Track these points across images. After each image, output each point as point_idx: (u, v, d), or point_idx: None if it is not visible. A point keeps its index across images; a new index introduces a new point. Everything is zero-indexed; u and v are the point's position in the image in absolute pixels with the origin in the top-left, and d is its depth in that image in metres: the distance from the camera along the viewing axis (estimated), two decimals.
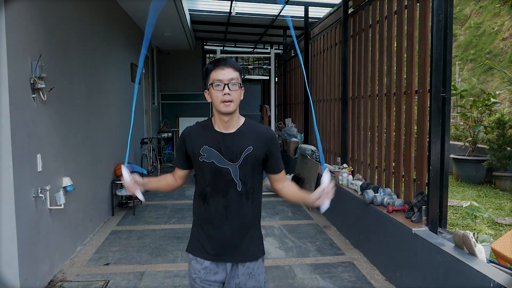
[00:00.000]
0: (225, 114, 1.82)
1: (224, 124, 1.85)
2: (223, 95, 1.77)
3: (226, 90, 1.77)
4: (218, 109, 1.81)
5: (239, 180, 1.83)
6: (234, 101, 1.80)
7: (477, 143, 7.67)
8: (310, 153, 6.34)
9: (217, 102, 1.79)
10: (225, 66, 1.80)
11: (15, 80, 2.89)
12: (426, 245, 2.90)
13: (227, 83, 1.78)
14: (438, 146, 3.08)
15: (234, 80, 1.79)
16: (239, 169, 1.83)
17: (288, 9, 7.51)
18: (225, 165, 1.82)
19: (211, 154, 1.83)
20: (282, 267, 3.77)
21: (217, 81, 1.78)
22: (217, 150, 1.83)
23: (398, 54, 3.95)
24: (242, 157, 1.82)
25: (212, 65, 1.84)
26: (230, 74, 1.79)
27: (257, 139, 1.86)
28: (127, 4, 6.27)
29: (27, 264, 3.04)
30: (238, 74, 1.82)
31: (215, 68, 1.81)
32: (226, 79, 1.78)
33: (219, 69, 1.80)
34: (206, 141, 1.85)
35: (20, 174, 2.95)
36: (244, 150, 1.83)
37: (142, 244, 4.36)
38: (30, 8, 3.19)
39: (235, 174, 1.83)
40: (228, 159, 1.82)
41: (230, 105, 1.79)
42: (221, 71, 1.79)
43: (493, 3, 12.22)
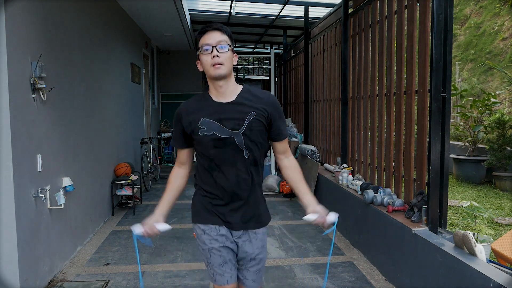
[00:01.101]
0: (218, 79, 1.74)
1: (220, 91, 1.78)
2: (212, 58, 1.71)
3: (215, 52, 1.71)
4: (210, 74, 1.74)
5: (245, 147, 1.77)
6: (225, 64, 1.72)
7: (477, 143, 7.68)
8: (310, 153, 6.34)
9: (208, 67, 1.73)
10: (212, 30, 1.75)
11: (15, 80, 2.89)
12: (426, 245, 2.90)
13: (215, 45, 1.71)
14: (438, 146, 3.08)
15: (223, 42, 1.73)
16: (243, 136, 1.76)
17: (288, 9, 7.51)
18: (227, 135, 1.75)
19: (210, 125, 1.76)
20: (282, 267, 3.77)
21: (205, 45, 1.73)
22: (216, 121, 1.76)
23: (398, 54, 3.95)
24: (245, 123, 1.75)
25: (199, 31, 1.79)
26: (218, 37, 1.73)
27: (258, 104, 1.79)
28: (127, 4, 6.27)
29: (27, 264, 3.04)
30: (227, 37, 1.76)
31: (203, 34, 1.76)
32: (214, 42, 1.72)
33: (207, 34, 1.74)
34: (204, 113, 1.78)
35: (20, 174, 2.95)
36: (247, 116, 1.76)
37: (142, 244, 4.36)
38: (30, 8, 3.19)
39: (240, 142, 1.76)
40: (230, 128, 1.75)
41: (221, 67, 1.71)
42: (208, 35, 1.74)
43: (493, 3, 12.22)
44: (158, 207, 1.91)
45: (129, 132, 6.77)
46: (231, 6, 7.46)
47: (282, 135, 1.89)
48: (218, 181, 1.81)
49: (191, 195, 2.00)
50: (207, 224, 1.86)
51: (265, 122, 1.80)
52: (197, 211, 1.91)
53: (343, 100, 5.38)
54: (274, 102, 1.84)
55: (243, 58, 13.47)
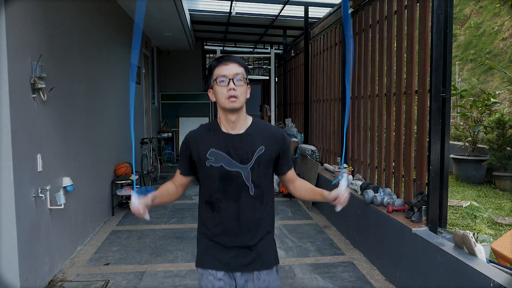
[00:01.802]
0: (231, 112, 1.70)
1: (231, 125, 1.73)
2: (228, 90, 1.67)
3: (231, 85, 1.67)
4: (224, 106, 1.70)
5: (251, 183, 1.72)
6: (240, 97, 1.69)
7: (477, 143, 7.67)
8: (310, 153, 6.34)
9: (222, 99, 1.69)
10: (229, 61, 1.71)
11: (15, 80, 2.89)
12: (426, 245, 2.90)
13: (232, 78, 1.68)
14: (438, 146, 3.08)
15: (240, 76, 1.69)
16: (251, 171, 1.71)
17: (288, 9, 7.51)
18: (235, 168, 1.71)
19: (219, 157, 1.71)
20: (282, 267, 3.77)
21: (222, 76, 1.68)
22: (225, 153, 1.71)
23: (398, 54, 3.95)
24: (254, 158, 1.71)
25: (216, 61, 1.74)
26: (235, 69, 1.69)
27: (268, 138, 1.76)
28: (127, 4, 6.27)
29: (27, 264, 3.04)
30: (243, 69, 1.72)
31: (219, 64, 1.71)
32: (231, 74, 1.68)
33: (223, 65, 1.70)
34: (213, 144, 1.73)
35: (20, 174, 2.95)
36: (256, 150, 1.72)
37: (142, 244, 4.36)
38: (30, 8, 3.19)
39: (246, 177, 1.71)
40: (238, 161, 1.71)
41: (236, 101, 1.68)
42: (225, 67, 1.69)
43: (493, 3, 12.22)
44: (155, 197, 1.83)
45: (129, 132, 6.77)
46: (231, 6, 7.46)
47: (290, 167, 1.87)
48: (218, 218, 1.75)
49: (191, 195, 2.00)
50: (205, 268, 1.79)
51: (274, 157, 1.78)
52: (198, 252, 1.86)
53: (343, 100, 5.38)
54: (284, 136, 1.83)
55: (243, 58, 13.49)
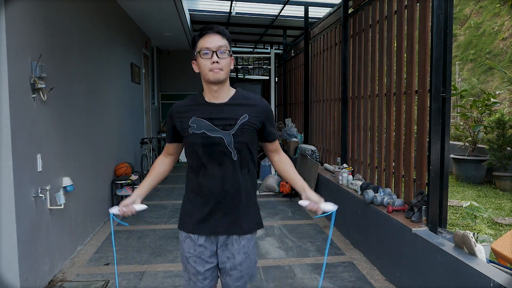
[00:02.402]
0: (215, 83, 1.74)
1: (214, 94, 1.78)
2: (212, 63, 1.70)
3: (215, 58, 1.70)
4: (207, 78, 1.74)
5: (233, 149, 1.77)
6: (224, 69, 1.72)
7: (477, 143, 7.68)
8: (310, 153, 6.34)
9: (206, 71, 1.72)
10: (212, 33, 1.72)
11: (15, 80, 2.89)
12: (426, 245, 2.90)
13: (215, 51, 1.70)
14: (438, 146, 3.08)
15: (223, 48, 1.71)
16: (234, 137, 1.76)
17: (288, 9, 7.51)
18: (217, 134, 1.76)
19: (200, 124, 1.77)
20: (282, 267, 3.77)
21: (205, 49, 1.71)
22: (207, 120, 1.77)
23: (398, 54, 3.95)
24: (237, 125, 1.76)
25: (199, 33, 1.75)
26: (219, 41, 1.71)
27: (251, 107, 1.81)
28: (127, 4, 6.27)
29: (27, 264, 3.04)
30: (227, 41, 1.74)
31: (202, 35, 1.73)
32: (214, 46, 1.70)
33: (207, 37, 1.72)
34: (196, 112, 1.79)
35: (20, 174, 2.95)
36: (240, 118, 1.77)
37: (142, 244, 4.36)
38: (30, 8, 3.19)
39: (229, 142, 1.76)
40: (220, 128, 1.76)
41: (220, 72, 1.71)
42: (209, 39, 1.71)
43: (493, 3, 12.22)
44: (137, 188, 1.95)
45: (129, 132, 6.77)
46: (231, 6, 7.46)
47: (273, 136, 1.91)
48: (203, 183, 1.81)
49: None
50: (187, 232, 1.87)
51: (257, 125, 1.81)
52: (181, 216, 1.93)
53: (343, 100, 5.38)
54: (267, 106, 1.87)
55: (243, 58, 13.48)
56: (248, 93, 1.87)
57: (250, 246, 1.88)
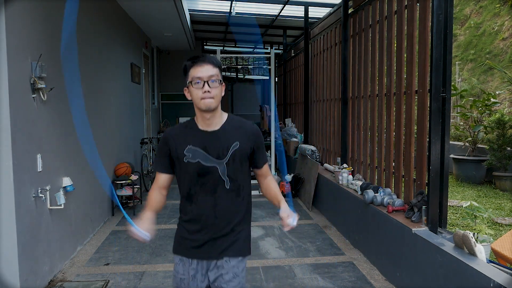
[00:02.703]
0: (207, 112, 1.77)
1: (207, 122, 1.80)
2: (203, 92, 1.73)
3: (206, 87, 1.73)
4: (199, 107, 1.77)
5: (226, 177, 1.79)
6: (215, 98, 1.75)
7: (477, 143, 7.67)
8: (310, 153, 6.34)
9: (198, 100, 1.75)
10: (203, 62, 1.75)
11: (15, 80, 2.89)
12: (426, 245, 2.90)
13: (206, 80, 1.73)
14: (438, 146, 3.08)
15: (214, 77, 1.75)
16: (227, 166, 1.79)
17: (288, 9, 7.51)
18: (212, 163, 1.78)
19: (196, 153, 1.78)
20: (282, 267, 3.77)
21: (196, 78, 1.74)
22: (202, 149, 1.78)
23: (398, 54, 3.95)
24: (229, 153, 1.79)
25: (190, 62, 1.78)
26: (210, 70, 1.74)
27: (242, 134, 1.83)
28: (127, 4, 6.27)
29: (27, 264, 3.04)
30: (217, 70, 1.77)
31: (194, 65, 1.76)
32: (205, 76, 1.73)
33: (198, 66, 1.75)
34: (190, 141, 1.80)
35: (20, 174, 2.95)
36: (231, 146, 1.79)
37: (142, 244, 4.36)
38: (30, 8, 3.19)
39: (222, 171, 1.79)
40: (214, 156, 1.78)
41: (211, 101, 1.74)
42: (200, 68, 1.74)
43: (493, 3, 12.22)
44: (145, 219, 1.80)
45: (129, 132, 6.77)
46: (231, 6, 7.46)
47: (262, 162, 1.93)
48: (196, 210, 1.82)
49: None
50: (180, 256, 1.89)
51: (249, 152, 1.85)
52: (175, 241, 1.94)
53: (343, 100, 5.38)
54: (258, 131, 1.89)
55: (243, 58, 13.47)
56: (240, 119, 1.90)
57: (240, 268, 1.87)
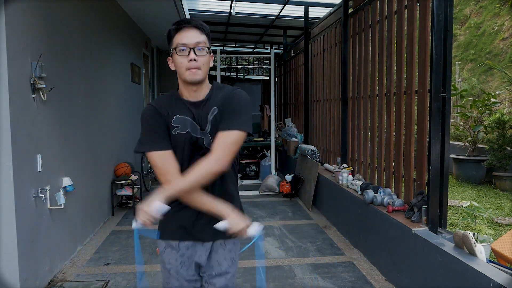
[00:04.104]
0: (192, 84, 1.59)
1: (192, 94, 1.63)
2: (189, 61, 1.54)
3: (192, 55, 1.54)
4: (184, 78, 1.58)
5: None
6: (202, 68, 1.56)
7: (477, 143, 7.68)
8: (310, 153, 6.34)
9: (182, 70, 1.56)
10: (190, 27, 1.55)
11: (15, 80, 2.89)
12: (426, 245, 2.90)
13: (193, 47, 1.54)
14: (438, 146, 3.08)
15: (202, 44, 1.56)
16: (211, 136, 1.61)
17: (288, 9, 7.51)
18: (199, 135, 1.62)
19: (185, 123, 1.60)
20: (282, 267, 3.77)
21: (181, 45, 1.54)
22: (190, 118, 1.61)
23: (398, 54, 3.95)
24: (209, 121, 1.61)
25: (175, 26, 1.58)
26: (197, 37, 1.55)
27: (222, 98, 1.62)
28: (127, 4, 6.27)
29: (27, 264, 3.04)
30: (205, 37, 1.58)
31: (179, 30, 1.56)
32: (191, 43, 1.54)
33: (184, 32, 1.55)
34: (177, 111, 1.61)
35: (20, 174, 2.95)
36: (210, 113, 1.61)
37: (142, 244, 4.36)
38: (30, 8, 3.19)
39: (208, 142, 1.61)
40: (200, 127, 1.62)
41: (197, 72, 1.55)
42: (186, 33, 1.55)
43: (493, 3, 12.23)
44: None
45: (129, 132, 6.77)
46: (231, 6, 7.46)
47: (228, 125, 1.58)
48: None
49: None
50: (168, 240, 1.71)
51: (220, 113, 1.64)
52: (159, 225, 1.74)
53: (343, 100, 5.38)
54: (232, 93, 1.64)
55: (243, 58, 13.48)
56: (224, 85, 1.70)
57: (236, 251, 1.76)
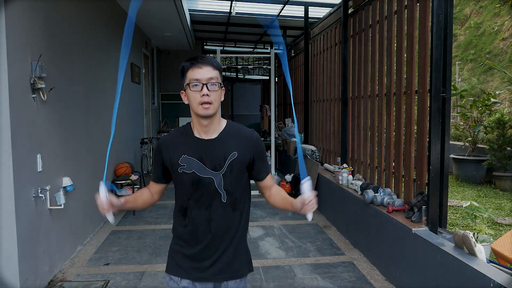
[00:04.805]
0: (204, 118, 1.63)
1: (203, 129, 1.66)
2: (202, 96, 1.59)
3: (205, 90, 1.59)
4: (196, 112, 1.63)
5: (223, 190, 1.65)
6: (214, 103, 1.61)
7: (477, 143, 7.67)
8: (310, 153, 6.34)
9: (195, 104, 1.61)
10: (203, 64, 1.62)
11: (15, 80, 2.89)
12: (426, 245, 2.90)
13: (205, 83, 1.59)
14: (438, 146, 3.08)
15: (214, 80, 1.61)
16: (224, 178, 1.65)
17: (288, 9, 7.51)
18: (207, 175, 1.64)
19: (191, 163, 1.65)
20: (282, 267, 3.77)
21: (195, 80, 1.60)
22: (197, 159, 1.65)
23: (398, 54, 3.95)
24: (226, 164, 1.65)
25: (188, 63, 1.65)
26: (209, 73, 1.61)
27: (241, 143, 1.68)
28: (127, 4, 6.26)
29: (27, 264, 3.04)
30: (218, 72, 1.64)
31: (192, 66, 1.63)
32: (204, 78, 1.60)
33: (197, 68, 1.61)
34: (185, 150, 1.67)
35: (20, 174, 2.95)
36: (228, 156, 1.65)
37: (142, 244, 4.36)
38: (30, 8, 3.19)
39: (219, 183, 1.65)
40: (210, 168, 1.64)
41: (210, 107, 1.60)
42: (199, 70, 1.61)
43: (493, 3, 12.22)
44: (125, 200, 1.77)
45: (129, 132, 6.77)
46: (231, 6, 7.46)
47: (264, 173, 1.76)
48: (190, 225, 1.70)
49: None
50: (170, 275, 1.76)
51: (248, 162, 1.70)
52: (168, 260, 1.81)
53: (343, 100, 5.38)
54: (258, 139, 1.73)
55: (243, 58, 13.48)
56: (239, 126, 1.75)
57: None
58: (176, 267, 1.74)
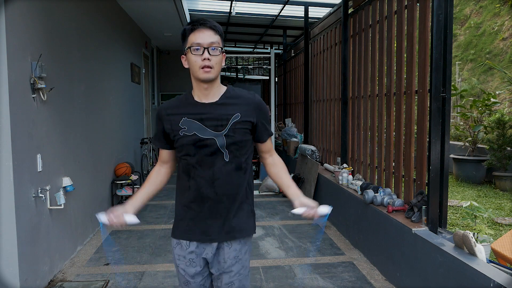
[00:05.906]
0: (205, 82, 1.65)
1: (204, 93, 1.69)
2: (203, 60, 1.61)
3: (206, 54, 1.61)
4: (197, 76, 1.65)
5: (225, 149, 1.68)
6: (215, 67, 1.63)
7: (477, 143, 7.68)
8: (310, 153, 6.34)
9: (196, 68, 1.63)
10: (204, 28, 1.62)
11: (15, 80, 2.89)
12: (426, 245, 2.90)
13: (207, 47, 1.61)
14: (438, 146, 3.08)
15: (215, 44, 1.62)
16: (226, 138, 1.67)
17: (288, 9, 7.52)
18: (209, 136, 1.67)
19: (192, 125, 1.68)
20: (282, 267, 3.77)
21: (196, 44, 1.61)
22: (198, 121, 1.68)
23: (398, 54, 3.95)
24: (229, 125, 1.67)
25: (190, 26, 1.65)
26: (211, 37, 1.62)
27: (244, 105, 1.71)
28: (127, 4, 6.27)
29: (27, 264, 3.04)
30: (219, 37, 1.65)
31: (194, 30, 1.63)
32: (206, 42, 1.61)
33: (198, 31, 1.62)
34: (185, 113, 1.70)
35: (20, 174, 2.95)
36: (231, 117, 1.68)
37: (142, 244, 4.37)
38: (30, 8, 3.19)
39: (221, 144, 1.67)
40: (212, 128, 1.67)
41: (211, 71, 1.62)
42: (200, 34, 1.62)
43: (493, 3, 12.23)
44: (132, 198, 1.82)
45: (129, 132, 6.77)
46: (231, 6, 7.46)
47: (265, 136, 1.81)
48: (194, 186, 1.72)
49: None
50: (177, 239, 1.79)
51: (250, 124, 1.73)
52: (174, 222, 1.84)
53: (343, 100, 5.38)
54: (260, 102, 1.76)
55: (243, 58, 13.47)
56: (241, 90, 1.78)
57: (242, 251, 1.79)
58: (185, 231, 1.76)
